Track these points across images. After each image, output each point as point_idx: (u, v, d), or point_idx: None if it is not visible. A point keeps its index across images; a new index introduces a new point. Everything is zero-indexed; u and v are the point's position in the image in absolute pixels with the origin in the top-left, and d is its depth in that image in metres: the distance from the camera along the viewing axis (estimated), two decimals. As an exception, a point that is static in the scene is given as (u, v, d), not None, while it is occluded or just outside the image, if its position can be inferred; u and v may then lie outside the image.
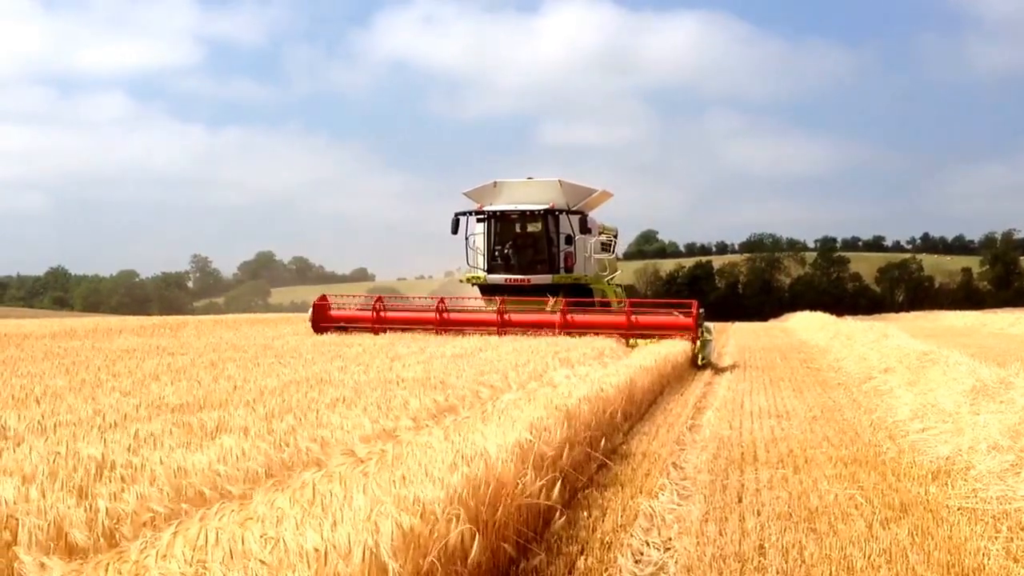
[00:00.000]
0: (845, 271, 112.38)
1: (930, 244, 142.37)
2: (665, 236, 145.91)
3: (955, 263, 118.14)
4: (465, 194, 22.71)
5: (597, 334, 18.37)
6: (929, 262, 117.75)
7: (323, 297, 21.55)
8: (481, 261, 22.37)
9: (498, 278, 21.97)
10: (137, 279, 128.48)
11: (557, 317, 19.42)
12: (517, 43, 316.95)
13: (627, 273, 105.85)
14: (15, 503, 4.45)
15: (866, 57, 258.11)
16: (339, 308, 21.40)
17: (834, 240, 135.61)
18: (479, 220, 22.26)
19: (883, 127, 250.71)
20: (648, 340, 18.16)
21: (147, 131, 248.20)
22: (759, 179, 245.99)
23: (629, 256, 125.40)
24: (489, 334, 18.87)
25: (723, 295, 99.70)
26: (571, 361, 13.65)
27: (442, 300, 20.75)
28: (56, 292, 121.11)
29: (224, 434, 6.68)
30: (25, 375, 10.98)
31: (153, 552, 3.74)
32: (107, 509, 4.59)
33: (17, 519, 4.24)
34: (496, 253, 22.26)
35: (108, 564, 3.65)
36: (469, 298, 22.27)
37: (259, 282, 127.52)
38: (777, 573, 5.19)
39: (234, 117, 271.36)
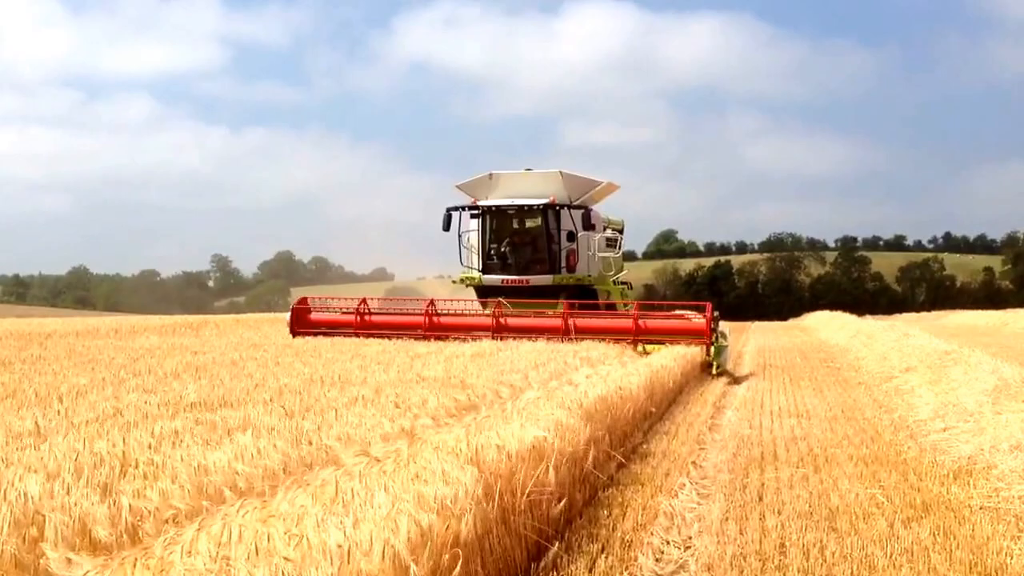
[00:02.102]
0: (866, 270, 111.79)
1: (952, 243, 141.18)
2: (685, 236, 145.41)
3: (977, 262, 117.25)
4: (458, 187, 21.16)
5: (602, 340, 16.68)
6: (951, 261, 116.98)
7: (303, 299, 20.21)
8: (475, 260, 20.60)
9: (494, 279, 20.23)
10: (158, 279, 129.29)
11: (558, 321, 17.73)
12: (538, 45, 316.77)
13: (646, 272, 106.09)
14: (40, 499, 4.49)
15: (888, 58, 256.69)
16: (321, 311, 20.05)
17: (855, 240, 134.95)
18: (473, 216, 20.57)
19: (905, 127, 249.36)
20: (658, 346, 16.48)
21: (171, 133, 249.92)
22: (779, 179, 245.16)
23: (648, 255, 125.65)
24: (484, 338, 17.34)
25: (743, 295, 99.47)
26: (591, 360, 13.64)
27: (432, 302, 19.20)
28: (78, 291, 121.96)
29: (245, 432, 6.71)
30: (48, 373, 11.07)
31: (178, 548, 3.76)
32: (130, 506, 4.62)
33: (44, 515, 4.28)
34: (492, 252, 20.56)
35: (135, 560, 3.68)
36: (465, 300, 20.78)
37: (279, 282, 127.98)
38: (798, 572, 5.18)
39: (257, 119, 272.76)
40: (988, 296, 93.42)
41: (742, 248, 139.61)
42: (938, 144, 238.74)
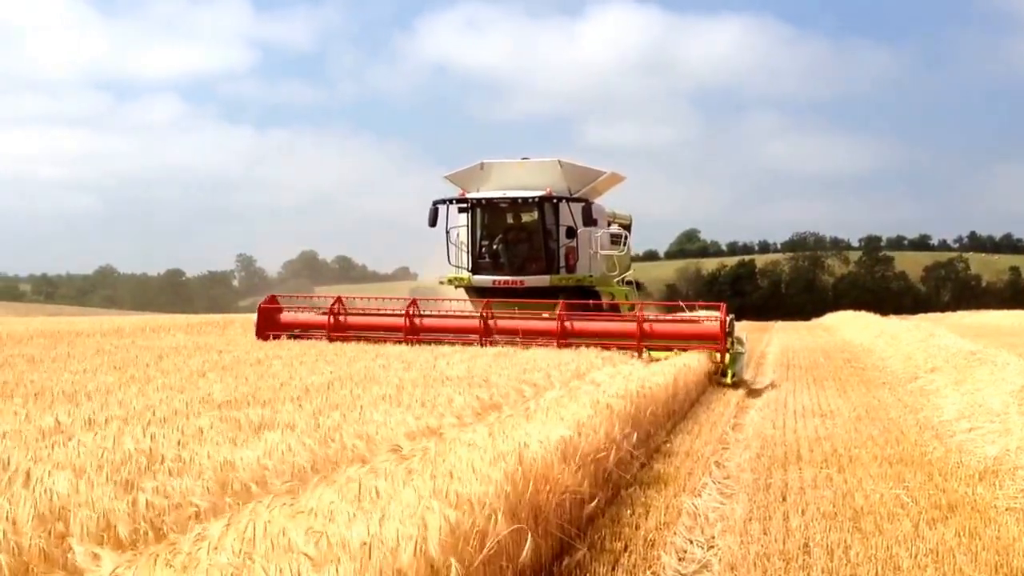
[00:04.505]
0: (890, 269, 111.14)
1: (977, 243, 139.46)
2: (707, 235, 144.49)
3: (1003, 262, 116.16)
4: (447, 178, 19.09)
5: (605, 347, 14.96)
6: (976, 261, 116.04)
7: (272, 298, 18.36)
8: (465, 259, 18.63)
9: (485, 279, 18.25)
10: (184, 278, 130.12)
11: (553, 325, 15.92)
12: (560, 46, 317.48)
13: (668, 271, 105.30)
14: (68, 495, 4.54)
15: (909, 56, 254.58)
16: (293, 311, 18.16)
17: (879, 239, 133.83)
18: (462, 210, 18.50)
19: (928, 125, 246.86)
20: (665, 353, 14.75)
21: (197, 133, 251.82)
22: (802, 178, 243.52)
23: (671, 255, 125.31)
24: (470, 343, 15.78)
25: (766, 294, 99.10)
26: (614, 359, 13.63)
27: (414, 303, 17.28)
28: (105, 291, 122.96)
29: (271, 430, 6.77)
30: (76, 371, 11.17)
31: (204, 545, 3.80)
32: (155, 503, 4.66)
33: (70, 511, 4.34)
34: (483, 249, 18.58)
35: (161, 556, 3.72)
36: (452, 300, 18.90)
37: (303, 281, 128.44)
38: (822, 572, 5.18)
39: (281, 119, 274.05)
40: (1014, 296, 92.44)
41: (765, 247, 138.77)
42: (962, 142, 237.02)
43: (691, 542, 5.75)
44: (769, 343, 27.46)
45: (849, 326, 35.72)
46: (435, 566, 3.83)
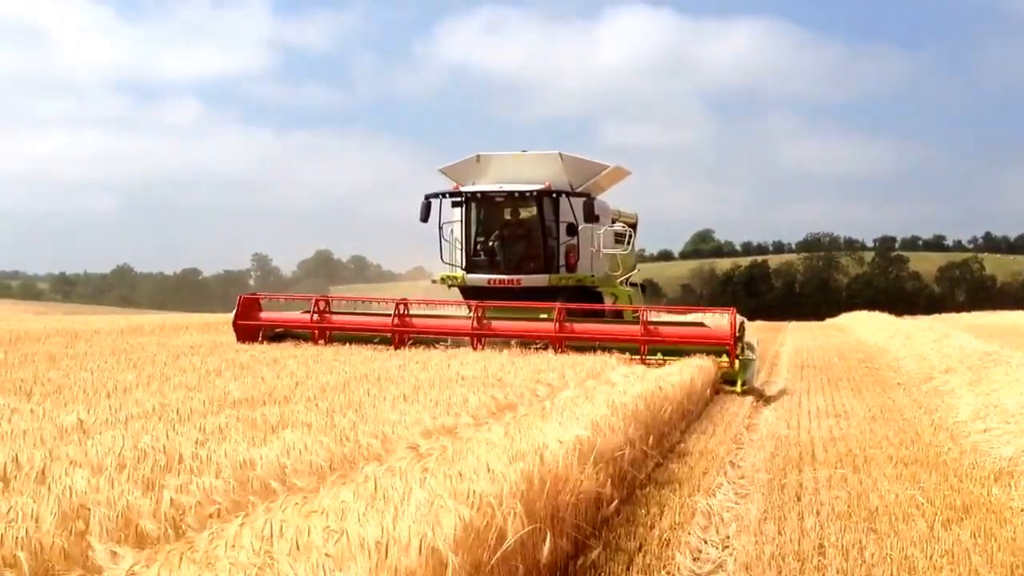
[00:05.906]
0: (904, 270, 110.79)
1: (992, 243, 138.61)
2: (722, 236, 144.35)
3: (1018, 263, 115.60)
4: (442, 171, 18.10)
5: (607, 351, 14.09)
6: (991, 261, 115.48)
7: (252, 295, 17.36)
8: (459, 257, 17.50)
9: (479, 278, 17.04)
10: (200, 277, 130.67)
11: (551, 327, 14.94)
12: (578, 49, 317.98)
13: (683, 271, 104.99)
14: (86, 493, 4.58)
15: (925, 60, 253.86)
16: (274, 309, 17.40)
17: (893, 239, 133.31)
18: (455, 204, 17.38)
19: (943, 127, 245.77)
20: (670, 358, 13.73)
21: (217, 135, 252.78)
22: (816, 179, 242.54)
23: (685, 255, 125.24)
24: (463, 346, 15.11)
25: (780, 294, 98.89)
26: (628, 360, 13.65)
27: (404, 302, 16.13)
28: (122, 290, 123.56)
29: (287, 429, 6.81)
30: (95, 370, 11.25)
31: (222, 543, 3.84)
32: (173, 500, 4.70)
33: (89, 509, 4.38)
34: (478, 247, 17.47)
35: (181, 554, 3.76)
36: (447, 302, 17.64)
37: (318, 280, 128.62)
38: (837, 573, 5.18)
39: (301, 121, 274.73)
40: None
41: (779, 248, 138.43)
42: (977, 143, 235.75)
43: (706, 542, 5.76)
44: (783, 343, 27.39)
45: (863, 326, 35.57)
46: (448, 565, 3.85)
